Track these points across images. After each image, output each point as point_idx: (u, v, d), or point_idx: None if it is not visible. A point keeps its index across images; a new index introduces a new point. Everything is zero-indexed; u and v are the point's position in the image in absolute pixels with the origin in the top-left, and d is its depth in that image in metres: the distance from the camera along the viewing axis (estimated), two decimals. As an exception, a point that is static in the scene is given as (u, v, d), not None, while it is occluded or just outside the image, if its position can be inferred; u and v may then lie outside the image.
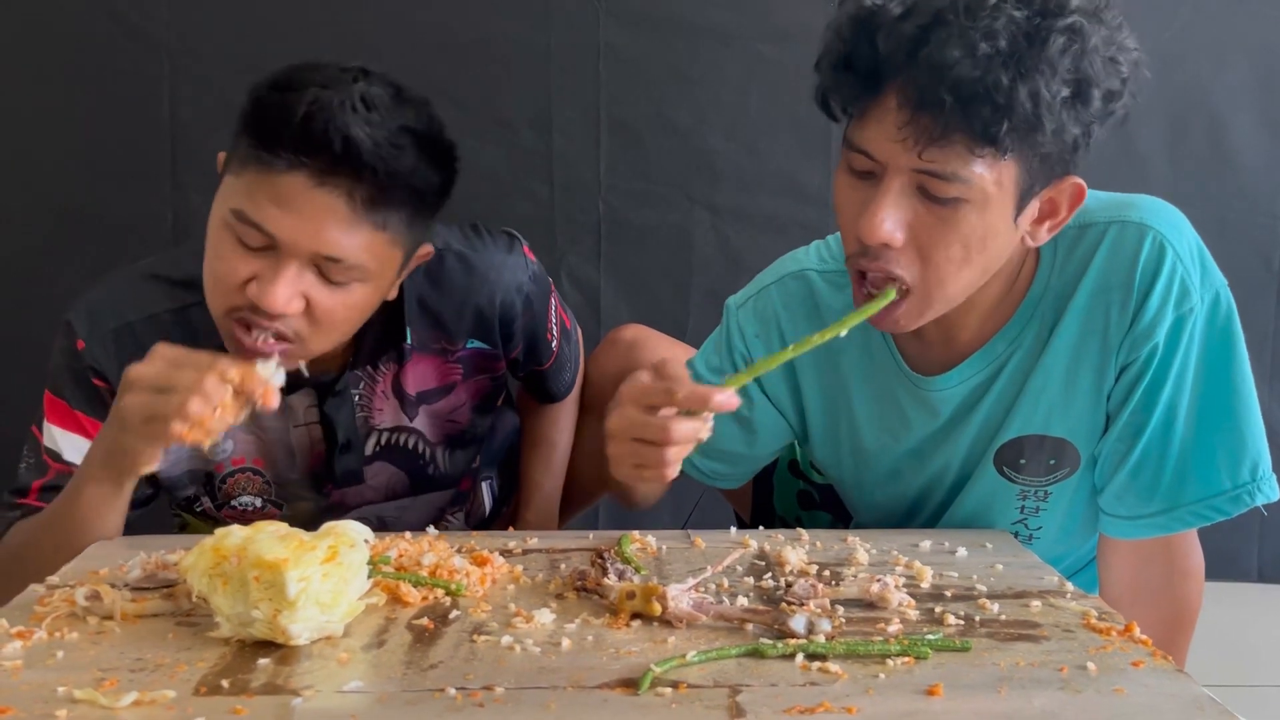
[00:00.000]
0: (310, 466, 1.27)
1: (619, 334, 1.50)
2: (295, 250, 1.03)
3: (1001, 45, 0.87)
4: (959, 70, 0.87)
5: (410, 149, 1.04)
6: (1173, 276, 1.03)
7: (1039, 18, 0.89)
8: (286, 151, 1.00)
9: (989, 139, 0.89)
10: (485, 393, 1.34)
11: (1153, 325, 1.04)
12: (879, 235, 0.95)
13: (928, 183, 0.94)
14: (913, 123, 0.90)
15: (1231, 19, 1.90)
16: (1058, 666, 0.78)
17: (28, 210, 1.91)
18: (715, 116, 1.94)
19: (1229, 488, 1.06)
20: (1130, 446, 1.08)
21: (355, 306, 1.09)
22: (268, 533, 0.85)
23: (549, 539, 1.11)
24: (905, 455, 1.20)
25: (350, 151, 1.00)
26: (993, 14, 0.88)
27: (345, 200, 1.02)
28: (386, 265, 1.09)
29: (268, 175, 1.01)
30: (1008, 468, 1.15)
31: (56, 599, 0.90)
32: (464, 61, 1.91)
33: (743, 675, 0.76)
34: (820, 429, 1.23)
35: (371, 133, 1.01)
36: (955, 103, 0.88)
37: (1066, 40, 0.89)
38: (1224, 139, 1.94)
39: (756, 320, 1.21)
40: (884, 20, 0.91)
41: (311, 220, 1.02)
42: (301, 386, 1.21)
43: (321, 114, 1.00)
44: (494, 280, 1.26)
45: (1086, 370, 1.08)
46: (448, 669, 0.78)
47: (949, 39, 0.88)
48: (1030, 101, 0.88)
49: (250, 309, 1.05)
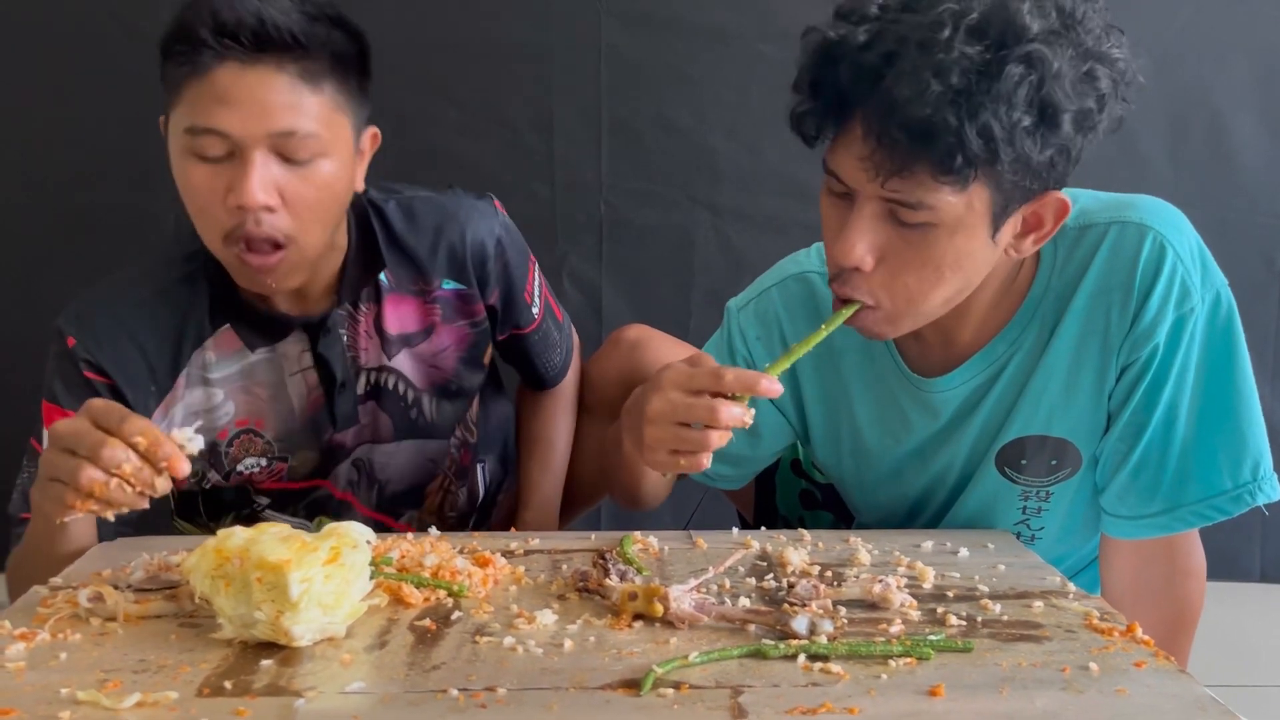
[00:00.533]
0: (310, 413, 1.29)
1: (622, 334, 1.50)
2: (252, 138, 1.06)
3: (953, 82, 0.86)
4: (910, 109, 0.87)
5: (321, 22, 1.10)
6: (1173, 277, 1.03)
7: (994, 50, 0.87)
8: (209, 46, 1.04)
9: (948, 171, 0.90)
10: (468, 341, 1.36)
11: (1153, 325, 1.04)
12: (850, 259, 0.97)
13: (896, 209, 0.94)
14: (874, 154, 0.91)
15: (1232, 18, 1.90)
16: (1060, 667, 0.78)
17: (28, 212, 1.91)
18: (716, 116, 1.94)
19: (1230, 487, 1.06)
20: (1131, 446, 1.08)
21: (326, 186, 1.13)
22: (270, 534, 0.85)
23: (550, 540, 1.11)
24: (906, 456, 1.20)
25: (267, 28, 1.05)
26: (945, 49, 0.86)
27: (278, 73, 1.07)
28: (338, 134, 1.13)
29: (201, 78, 1.06)
30: (1009, 468, 1.15)
31: (59, 600, 0.90)
32: (465, 62, 1.91)
33: (745, 676, 0.77)
34: (821, 429, 1.24)
35: (281, 8, 1.07)
36: (909, 140, 0.88)
37: (1024, 70, 0.87)
38: (1225, 139, 1.93)
39: (758, 322, 1.21)
40: (847, 50, 0.91)
41: (254, 103, 1.06)
42: (292, 331, 1.25)
43: (225, 4, 1.05)
44: (464, 220, 1.31)
45: (1087, 371, 1.08)
46: (450, 670, 0.78)
47: (902, 76, 0.87)
48: (981, 138, 0.87)
49: (239, 224, 1.09)
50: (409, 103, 1.90)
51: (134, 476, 0.90)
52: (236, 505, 1.35)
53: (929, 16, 0.88)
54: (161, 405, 1.23)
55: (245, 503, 1.35)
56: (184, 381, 1.23)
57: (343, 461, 1.33)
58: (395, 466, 1.36)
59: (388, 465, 1.36)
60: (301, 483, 1.33)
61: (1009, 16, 0.88)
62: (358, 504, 1.37)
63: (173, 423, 1.24)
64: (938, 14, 0.88)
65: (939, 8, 0.88)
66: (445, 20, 1.89)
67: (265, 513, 1.35)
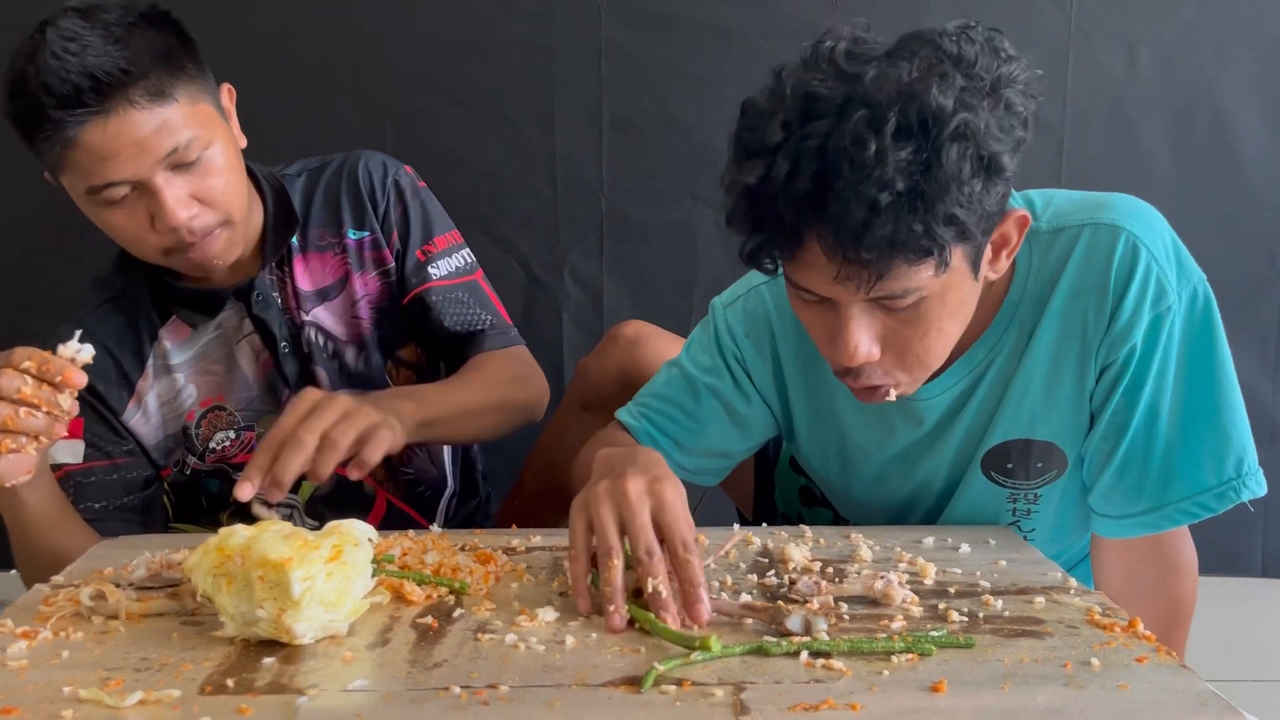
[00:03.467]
0: (263, 377, 1.35)
1: (620, 330, 1.50)
2: (147, 171, 1.13)
3: (900, 188, 0.84)
4: (874, 230, 0.85)
5: (129, 38, 1.12)
6: (1148, 276, 1.02)
7: (923, 141, 0.85)
8: (65, 122, 1.09)
9: (926, 257, 0.89)
10: (379, 291, 1.39)
11: (1130, 326, 1.03)
12: (858, 359, 0.96)
13: (883, 301, 0.94)
14: (845, 271, 0.90)
15: (1235, 14, 1.89)
16: (1061, 662, 0.78)
17: (29, 214, 1.91)
18: (718, 113, 1.93)
19: (1214, 484, 1.05)
20: (1114, 446, 1.07)
21: (224, 167, 1.19)
22: (272, 532, 0.85)
23: (553, 537, 1.11)
24: (891, 460, 1.20)
25: (98, 79, 1.09)
26: (879, 160, 0.84)
27: (133, 109, 1.11)
28: (208, 121, 1.18)
29: (73, 147, 1.10)
30: (996, 472, 1.15)
31: (61, 599, 0.90)
32: (467, 60, 1.91)
33: (747, 673, 0.77)
34: (806, 430, 1.24)
35: (94, 53, 1.09)
36: (880, 256, 0.88)
37: (960, 147, 0.85)
38: (1228, 134, 1.93)
39: (746, 319, 1.21)
40: (776, 186, 0.88)
41: (132, 145, 1.11)
42: (224, 304, 1.32)
43: (52, 76, 1.08)
44: (362, 166, 1.38)
45: (1067, 373, 1.08)
46: (452, 667, 0.78)
47: (849, 199, 0.85)
48: (950, 225, 0.87)
49: (176, 241, 1.17)
50: (410, 101, 1.90)
51: (36, 397, 0.95)
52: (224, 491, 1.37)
53: (846, 131, 0.85)
54: (134, 398, 1.31)
55: (228, 482, 1.37)
56: (151, 372, 1.32)
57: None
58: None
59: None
60: None
61: (922, 104, 0.85)
62: None
63: (147, 413, 1.32)
64: (853, 128, 0.84)
65: (849, 119, 0.85)
66: (446, 18, 1.89)
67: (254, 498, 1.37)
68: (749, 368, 1.22)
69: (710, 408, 1.22)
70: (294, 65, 1.86)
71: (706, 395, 1.22)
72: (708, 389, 1.22)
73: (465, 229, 1.56)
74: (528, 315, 1.97)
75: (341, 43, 1.89)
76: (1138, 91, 1.90)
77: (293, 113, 1.82)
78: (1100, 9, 1.89)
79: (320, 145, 1.46)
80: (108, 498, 1.27)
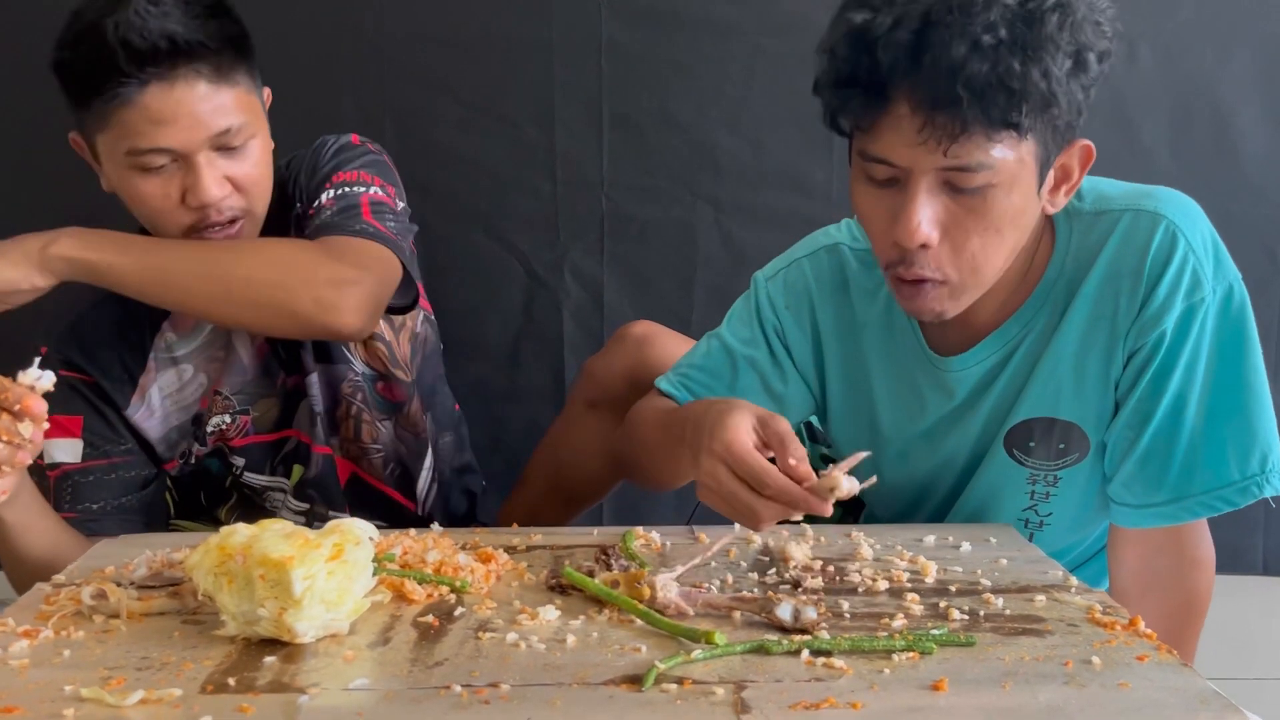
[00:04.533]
0: (259, 360, 1.35)
1: (628, 330, 1.50)
2: (195, 146, 1.14)
3: (1003, 35, 0.89)
4: (971, 66, 0.89)
5: (206, 15, 1.15)
6: (1184, 266, 1.03)
7: (1029, 1, 0.91)
8: (131, 78, 1.09)
9: (1008, 124, 0.92)
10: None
11: (1160, 313, 1.04)
12: (918, 238, 0.97)
13: (954, 177, 0.95)
14: (930, 125, 0.92)
15: (1236, 11, 1.89)
16: (1062, 661, 0.78)
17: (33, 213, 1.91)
18: (718, 111, 1.93)
19: (1238, 479, 1.06)
20: (1138, 434, 1.08)
21: (262, 160, 1.22)
22: (273, 531, 0.85)
23: (553, 536, 1.11)
24: (918, 437, 1.20)
25: (177, 44, 1.11)
26: (986, 6, 0.90)
27: (199, 81, 1.13)
28: (256, 113, 1.22)
29: (132, 107, 1.11)
30: (1018, 450, 1.15)
31: (63, 598, 0.90)
32: (466, 58, 1.90)
33: (747, 671, 0.77)
34: (839, 404, 1.24)
35: (177, 19, 1.11)
36: (972, 98, 0.90)
37: (1060, 16, 0.91)
38: (1228, 131, 1.92)
39: (787, 292, 1.22)
40: (878, 32, 0.92)
41: (188, 116, 1.13)
42: None
43: (132, 31, 1.09)
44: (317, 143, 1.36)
45: (1095, 355, 1.09)
46: (453, 666, 0.78)
47: (951, 39, 0.89)
48: (1044, 80, 0.91)
49: (201, 219, 1.17)
50: (410, 98, 1.90)
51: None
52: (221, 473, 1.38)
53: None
54: (137, 392, 1.30)
55: (225, 463, 1.38)
56: (154, 365, 1.31)
57: (300, 405, 1.37)
58: (315, 395, 1.38)
59: (316, 396, 1.38)
60: (270, 434, 1.38)
61: None
62: (312, 444, 1.39)
63: (151, 406, 1.31)
64: None
65: None
66: (446, 15, 1.89)
67: (244, 475, 1.38)
68: (788, 340, 1.22)
69: (748, 381, 1.22)
70: (293, 63, 1.85)
71: (745, 368, 1.22)
72: (746, 361, 1.22)
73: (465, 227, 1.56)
74: (527, 313, 1.97)
75: (341, 40, 1.88)
76: (1137, 88, 1.90)
77: (292, 110, 1.80)
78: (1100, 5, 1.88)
79: (320, 144, 1.46)
80: (106, 498, 1.27)
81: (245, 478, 1.39)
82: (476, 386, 1.78)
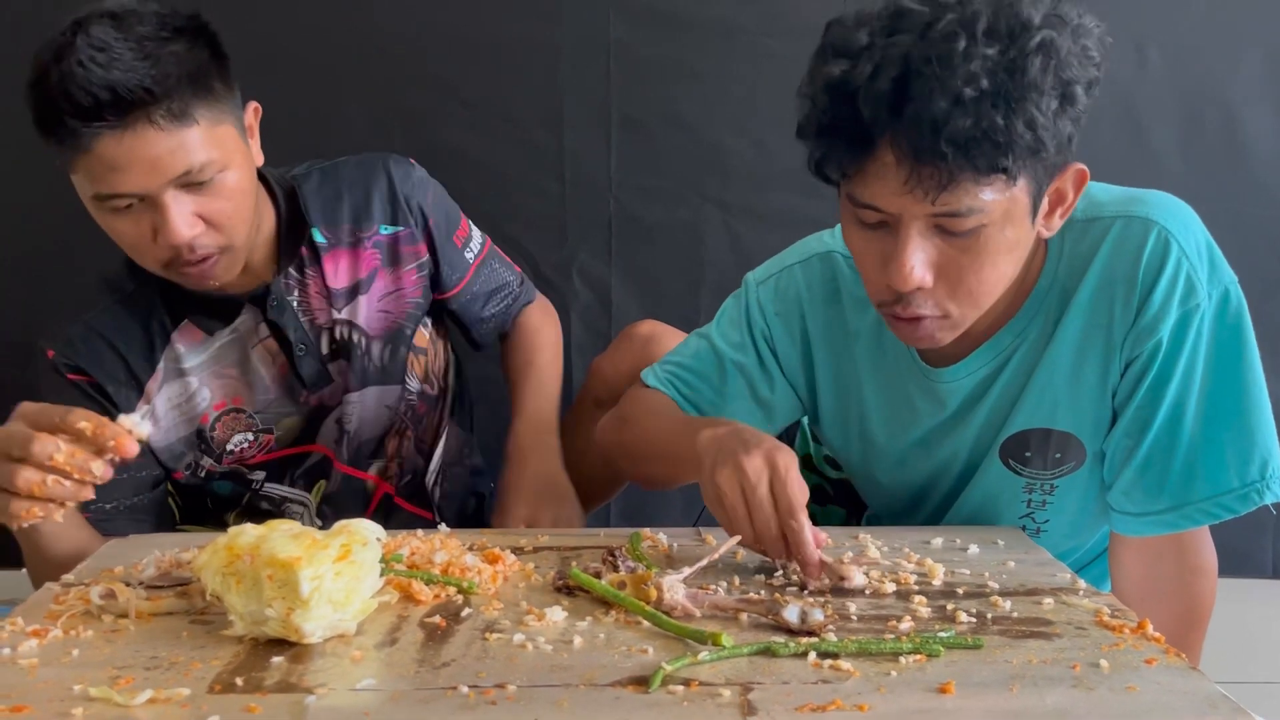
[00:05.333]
0: (281, 379, 1.34)
1: (634, 329, 1.50)
2: (156, 189, 1.11)
3: (984, 86, 0.87)
4: (953, 122, 0.87)
5: (159, 52, 1.10)
6: (1178, 272, 1.02)
7: (1010, 47, 0.88)
8: (80, 131, 1.07)
9: (996, 171, 0.90)
10: (415, 282, 1.41)
11: (1156, 320, 1.03)
12: (911, 283, 0.96)
13: (945, 222, 0.94)
14: (915, 176, 0.91)
15: (1246, 12, 1.88)
16: (1070, 664, 0.78)
17: (41, 212, 1.91)
18: (725, 113, 1.93)
19: (1237, 486, 1.05)
20: (1137, 442, 1.07)
21: (237, 191, 1.18)
22: (281, 531, 0.85)
23: (560, 537, 1.11)
24: (912, 445, 1.20)
25: (120, 94, 1.07)
26: (966, 58, 0.87)
27: (152, 129, 1.09)
28: (226, 142, 1.16)
29: (86, 155, 1.09)
30: (1014, 460, 1.14)
31: (72, 597, 0.91)
32: (474, 59, 1.91)
33: (754, 673, 0.77)
34: (830, 411, 1.24)
35: (121, 66, 1.07)
36: (956, 152, 0.88)
37: (1043, 59, 0.88)
38: (1238, 133, 1.92)
39: (778, 297, 1.22)
40: (858, 83, 0.90)
41: (143, 162, 1.09)
42: (242, 308, 1.31)
43: (73, 83, 1.05)
44: (384, 166, 1.39)
45: (1091, 364, 1.08)
46: (460, 667, 0.78)
47: (932, 91, 0.87)
48: (1029, 130, 0.89)
49: (175, 256, 1.15)
50: (417, 100, 1.90)
51: (68, 464, 0.90)
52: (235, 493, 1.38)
53: (935, 32, 0.88)
54: (142, 399, 1.29)
55: (242, 483, 1.38)
56: (161, 375, 1.30)
57: (325, 422, 1.38)
58: (359, 416, 1.40)
59: (353, 415, 1.40)
60: (292, 449, 1.38)
61: (1014, 12, 0.89)
62: (336, 460, 1.40)
63: (156, 415, 1.30)
64: (943, 28, 0.88)
65: (939, 21, 0.88)
66: (453, 17, 1.89)
67: (264, 488, 1.39)
68: (776, 347, 1.22)
69: (735, 386, 1.23)
70: (301, 67, 1.86)
71: (733, 372, 1.22)
72: (734, 366, 1.22)
73: (472, 228, 1.56)
74: (535, 315, 1.97)
75: (349, 43, 1.89)
76: (1147, 91, 1.89)
77: (300, 114, 1.82)
78: (1109, 8, 1.88)
79: (328, 146, 1.46)
80: (118, 498, 1.28)
81: (265, 489, 1.39)
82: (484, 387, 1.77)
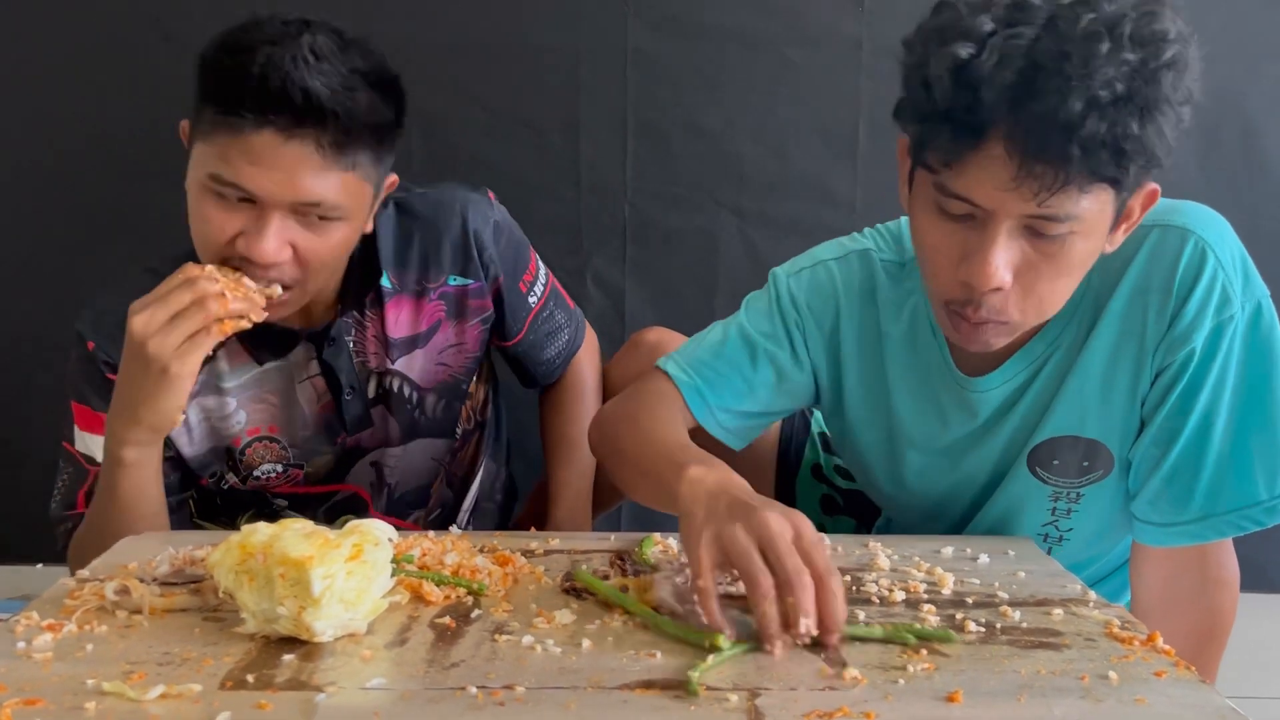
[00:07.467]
0: (321, 417, 1.31)
1: (642, 336, 1.50)
2: (276, 202, 1.08)
3: (1120, 90, 0.85)
4: (1089, 124, 0.85)
5: (363, 90, 1.09)
6: (1213, 283, 1.02)
7: (1149, 57, 0.87)
8: (250, 112, 1.05)
9: (1108, 179, 0.89)
10: (476, 337, 1.37)
11: (1190, 330, 1.03)
12: (994, 281, 0.95)
13: (1037, 224, 0.93)
14: (1026, 172, 0.89)
15: (1265, 25, 1.88)
16: (1079, 675, 0.78)
17: (55, 210, 1.93)
18: (742, 120, 1.93)
19: (1266, 498, 1.04)
20: (1165, 452, 1.07)
21: (339, 245, 1.15)
22: (293, 530, 0.86)
23: (570, 540, 1.11)
24: (938, 452, 1.19)
25: (311, 103, 1.05)
26: (1108, 61, 0.85)
27: (315, 149, 1.07)
28: (360, 201, 1.15)
29: (237, 137, 1.06)
30: (1040, 468, 1.14)
31: (86, 593, 0.92)
32: (492, 65, 1.91)
33: (761, 679, 0.77)
34: (857, 415, 1.23)
35: (326, 81, 1.06)
36: (1083, 154, 0.87)
37: (1174, 75, 0.88)
38: (1257, 146, 1.91)
39: (812, 290, 1.20)
40: (984, 71, 0.88)
41: (286, 172, 1.07)
42: (298, 343, 1.27)
43: (277, 71, 1.04)
44: (460, 210, 1.32)
45: (1123, 372, 1.08)
46: (469, 667, 0.79)
47: (1067, 90, 0.85)
48: (1158, 140, 0.88)
49: (243, 260, 1.11)
50: (435, 105, 1.91)
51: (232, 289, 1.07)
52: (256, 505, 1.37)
53: (1075, 29, 0.86)
54: None
55: (264, 505, 1.37)
56: (199, 386, 1.25)
57: (358, 463, 1.35)
58: (403, 469, 1.38)
59: (396, 468, 1.37)
60: (319, 487, 1.36)
61: (1158, 22, 0.88)
62: (372, 508, 1.39)
63: (188, 424, 1.27)
64: (1085, 27, 0.86)
65: (1076, 20, 0.86)
66: (472, 22, 1.90)
67: (285, 513, 1.37)
68: (807, 336, 1.21)
69: (765, 374, 1.21)
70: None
71: (764, 360, 1.21)
72: (766, 355, 1.21)
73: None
74: (550, 320, 1.97)
75: (370, 48, 1.90)
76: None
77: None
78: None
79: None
80: None
81: (286, 514, 1.37)
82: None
